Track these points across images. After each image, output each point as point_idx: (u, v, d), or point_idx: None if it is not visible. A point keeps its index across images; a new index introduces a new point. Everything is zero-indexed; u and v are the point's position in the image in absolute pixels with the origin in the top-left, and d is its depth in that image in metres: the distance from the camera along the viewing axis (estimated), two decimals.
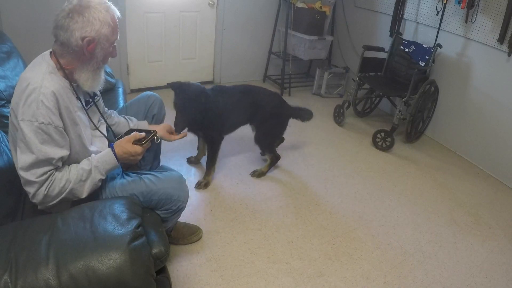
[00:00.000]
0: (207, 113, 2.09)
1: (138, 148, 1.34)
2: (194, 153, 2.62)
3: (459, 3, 2.72)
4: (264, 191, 2.34)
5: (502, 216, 2.35)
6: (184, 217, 2.04)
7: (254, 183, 2.40)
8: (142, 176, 1.45)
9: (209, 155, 2.32)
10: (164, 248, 1.22)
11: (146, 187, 1.40)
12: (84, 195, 1.27)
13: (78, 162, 1.29)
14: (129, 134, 1.39)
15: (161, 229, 1.32)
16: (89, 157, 1.31)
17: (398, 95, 3.11)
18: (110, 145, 1.35)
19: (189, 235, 1.87)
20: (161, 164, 2.04)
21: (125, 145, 1.33)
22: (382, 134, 2.96)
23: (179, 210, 1.50)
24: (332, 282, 1.74)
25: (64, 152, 1.22)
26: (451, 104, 3.05)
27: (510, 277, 1.87)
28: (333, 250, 1.93)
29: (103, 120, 1.53)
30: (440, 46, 2.89)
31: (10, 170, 1.44)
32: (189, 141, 2.73)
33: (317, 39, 3.74)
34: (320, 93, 4.00)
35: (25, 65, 2.18)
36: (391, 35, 3.39)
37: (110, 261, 1.01)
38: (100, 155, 1.31)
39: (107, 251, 1.03)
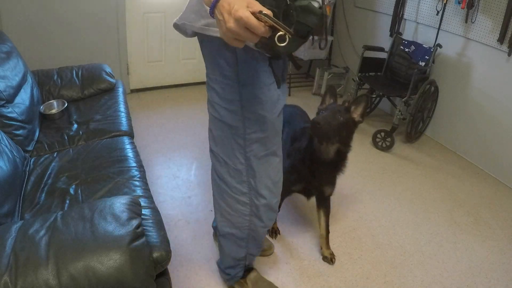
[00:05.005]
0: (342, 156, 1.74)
1: (246, 13, 0.74)
2: (193, 147, 2.61)
3: (459, 3, 2.72)
4: None
5: (502, 216, 2.35)
6: (184, 217, 2.04)
7: None
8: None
9: (327, 220, 1.87)
10: (165, 253, 1.22)
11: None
12: None
13: None
14: None
15: (163, 232, 1.32)
16: None
17: (398, 95, 3.11)
18: None
19: (263, 250, 1.80)
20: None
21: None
22: (382, 134, 2.96)
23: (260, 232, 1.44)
24: (332, 282, 1.74)
25: None
26: (451, 104, 3.05)
27: (510, 277, 1.87)
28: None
29: None
30: (440, 46, 2.89)
31: (10, 170, 1.44)
32: (191, 140, 2.72)
33: (317, 39, 3.74)
34: (320, 93, 4.00)
35: (25, 65, 2.18)
36: (391, 35, 3.39)
37: (110, 261, 1.02)
38: None
39: (107, 251, 1.04)
